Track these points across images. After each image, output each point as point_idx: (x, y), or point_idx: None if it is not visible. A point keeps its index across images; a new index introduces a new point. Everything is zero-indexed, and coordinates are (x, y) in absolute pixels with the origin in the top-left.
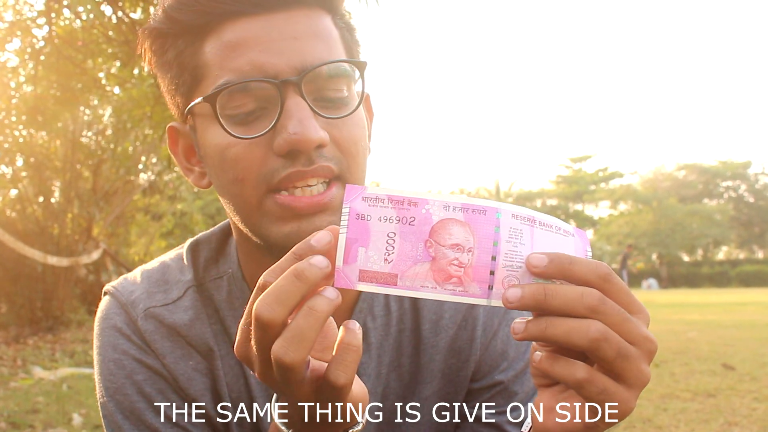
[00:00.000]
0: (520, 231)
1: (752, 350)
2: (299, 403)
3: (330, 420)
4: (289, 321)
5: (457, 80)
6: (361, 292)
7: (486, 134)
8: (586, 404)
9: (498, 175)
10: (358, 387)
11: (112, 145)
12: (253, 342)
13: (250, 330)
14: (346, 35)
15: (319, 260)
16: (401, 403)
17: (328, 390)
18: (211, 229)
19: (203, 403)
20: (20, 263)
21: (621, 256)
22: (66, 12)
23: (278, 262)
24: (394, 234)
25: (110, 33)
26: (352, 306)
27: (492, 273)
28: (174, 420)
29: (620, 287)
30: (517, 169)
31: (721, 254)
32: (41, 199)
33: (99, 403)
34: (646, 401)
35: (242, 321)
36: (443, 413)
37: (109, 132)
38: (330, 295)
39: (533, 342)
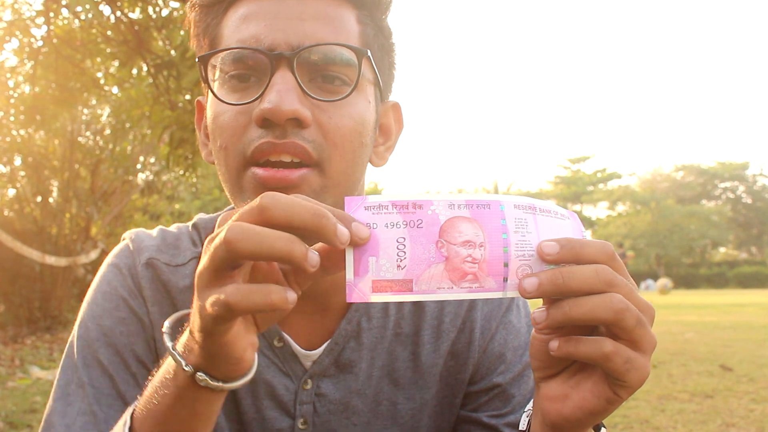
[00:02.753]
0: (525, 220)
1: (750, 351)
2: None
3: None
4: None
5: (456, 81)
6: None
7: (485, 135)
8: (605, 379)
9: (496, 176)
10: (249, 353)
11: (110, 145)
12: (209, 254)
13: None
14: (369, 33)
15: (313, 259)
16: (398, 407)
17: (219, 303)
18: (216, 213)
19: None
20: (18, 263)
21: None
22: (64, 12)
23: (298, 201)
24: (404, 239)
25: (109, 33)
26: (348, 304)
27: (506, 265)
28: (129, 367)
29: (621, 263)
30: (515, 170)
31: (719, 255)
32: (39, 198)
33: (75, 326)
34: (644, 402)
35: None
36: (440, 416)
37: (107, 132)
38: (291, 298)
39: (537, 336)
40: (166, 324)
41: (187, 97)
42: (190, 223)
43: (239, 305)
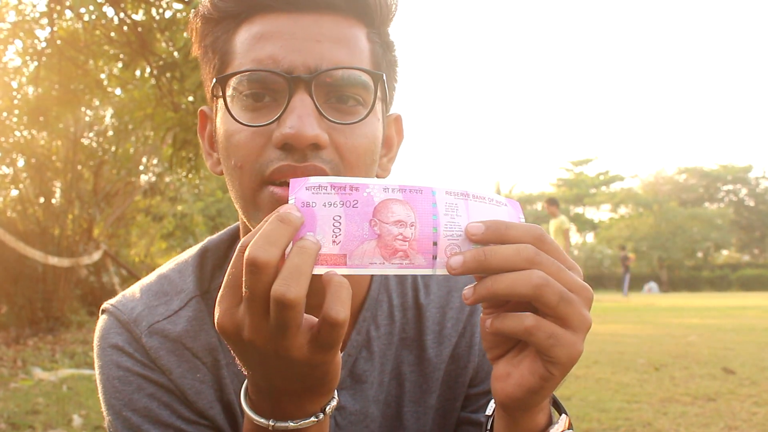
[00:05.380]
0: (456, 205)
1: (752, 354)
2: (283, 371)
3: (314, 382)
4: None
5: (458, 83)
6: (364, 300)
7: (487, 137)
8: (539, 357)
9: (499, 178)
10: (339, 358)
11: (113, 147)
12: (246, 293)
13: (235, 292)
14: (378, 51)
15: (294, 208)
16: (404, 410)
17: (326, 329)
18: (221, 233)
19: (213, 415)
20: (21, 264)
21: (621, 259)
22: (68, 13)
23: (271, 230)
24: (340, 217)
25: (112, 34)
26: (356, 315)
27: (435, 243)
28: None
29: (554, 245)
30: (517, 172)
31: (722, 258)
32: (42, 199)
33: (106, 422)
34: (646, 405)
35: (222, 291)
36: (442, 419)
37: (110, 133)
38: (312, 238)
39: (483, 317)
40: (245, 404)
41: (191, 98)
42: (196, 251)
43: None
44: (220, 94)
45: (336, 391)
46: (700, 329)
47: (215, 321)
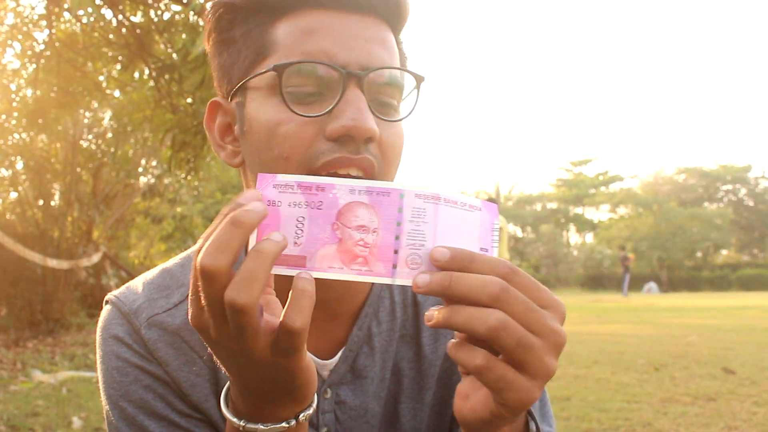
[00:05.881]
0: (424, 210)
1: (752, 354)
2: (251, 372)
3: (284, 385)
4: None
5: (458, 83)
6: (368, 297)
7: (486, 137)
8: (491, 393)
9: (498, 178)
10: (310, 365)
11: (112, 149)
12: (204, 299)
13: (197, 297)
14: (403, 56)
15: (255, 205)
16: (401, 407)
17: (284, 336)
18: None
19: (207, 408)
20: (20, 266)
21: (621, 259)
22: (67, 15)
23: (221, 237)
24: (303, 218)
25: (111, 36)
26: (357, 311)
27: (396, 252)
28: (179, 425)
29: (526, 280)
30: (517, 172)
31: (722, 258)
32: (41, 202)
33: (104, 412)
34: (647, 405)
35: (190, 291)
36: (438, 416)
37: (109, 135)
38: (276, 238)
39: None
40: (222, 402)
41: (189, 100)
42: (191, 252)
43: (302, 321)
44: (259, 84)
45: (316, 396)
46: (700, 329)
47: (189, 320)
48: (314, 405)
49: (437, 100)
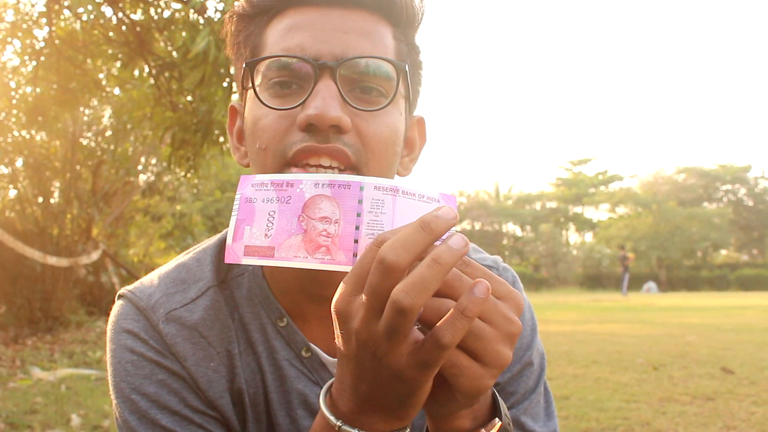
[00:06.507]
0: (382, 201)
1: (751, 354)
2: (374, 375)
3: (398, 399)
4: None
5: (457, 83)
6: None
7: (486, 136)
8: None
9: (497, 178)
10: (428, 387)
11: (111, 146)
12: (368, 288)
13: (358, 282)
14: (403, 49)
15: (446, 211)
16: None
17: (430, 348)
18: None
19: (221, 404)
20: (19, 264)
21: (620, 259)
22: (66, 12)
23: (408, 234)
24: (274, 212)
25: (111, 34)
26: None
27: (356, 241)
28: (192, 421)
29: (480, 268)
30: (516, 172)
31: (721, 258)
32: (41, 199)
33: (114, 405)
34: (645, 404)
35: (348, 276)
36: None
37: (108, 133)
38: (455, 245)
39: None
40: (322, 397)
41: (189, 98)
42: (214, 240)
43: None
44: (249, 85)
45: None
46: (699, 329)
47: (334, 300)
48: (409, 428)
49: (437, 99)
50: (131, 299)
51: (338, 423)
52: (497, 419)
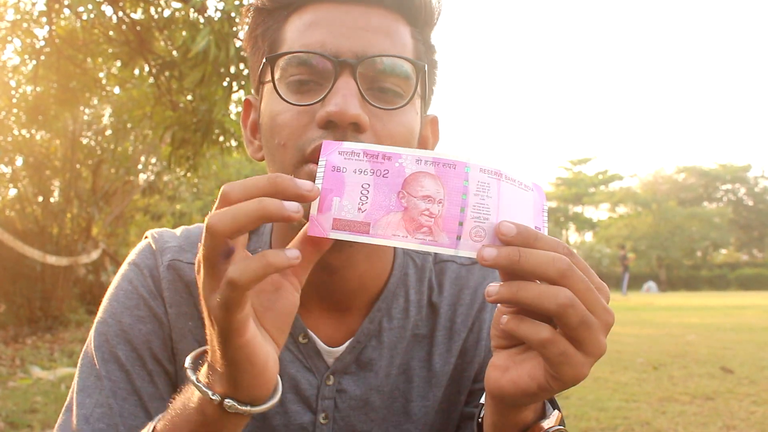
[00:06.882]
0: (488, 185)
1: (751, 354)
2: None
3: (232, 360)
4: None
5: (457, 83)
6: (381, 291)
7: (486, 136)
8: (544, 366)
9: None
10: (272, 365)
11: (111, 145)
12: (200, 255)
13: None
14: (421, 48)
15: (292, 206)
16: (412, 405)
17: (224, 289)
18: None
19: (180, 361)
20: (19, 263)
21: (620, 259)
22: (67, 12)
23: (254, 179)
24: (369, 185)
25: (111, 33)
26: (370, 305)
27: (461, 224)
28: (145, 365)
29: (583, 262)
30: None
31: (721, 257)
32: (41, 198)
33: (95, 321)
34: (645, 404)
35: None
36: (447, 413)
37: (108, 132)
38: (291, 255)
39: (499, 306)
40: (188, 360)
41: (189, 97)
42: None
43: (242, 278)
44: (268, 79)
45: (270, 400)
46: (699, 328)
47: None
48: (270, 403)
49: (436, 99)
50: (151, 239)
51: (194, 378)
52: (556, 411)
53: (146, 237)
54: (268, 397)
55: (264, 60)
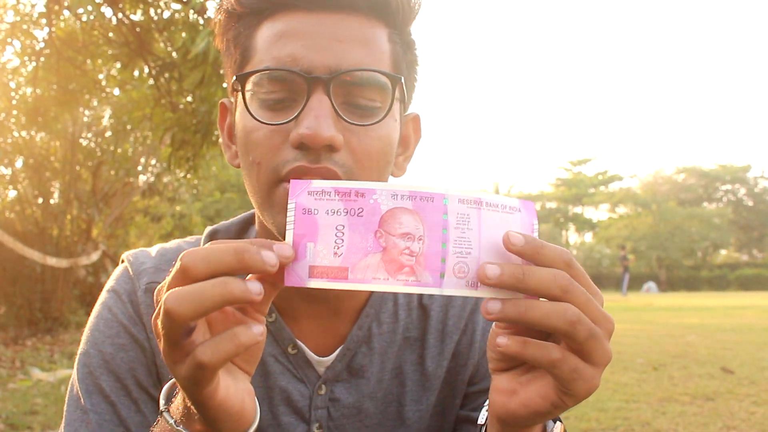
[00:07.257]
0: (468, 216)
1: (751, 354)
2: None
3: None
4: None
5: (457, 83)
6: (370, 296)
7: (486, 137)
8: (554, 385)
9: (497, 178)
10: (249, 401)
11: (111, 147)
12: (159, 328)
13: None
14: (399, 51)
15: (254, 286)
16: (406, 409)
17: (193, 367)
18: (233, 218)
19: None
20: (19, 264)
21: (620, 259)
22: (66, 13)
23: (218, 250)
24: (343, 226)
25: (110, 34)
26: (359, 310)
27: (443, 260)
28: (130, 394)
29: (581, 271)
30: (516, 172)
31: (721, 258)
32: (40, 200)
33: (78, 353)
34: (645, 405)
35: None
36: (442, 416)
37: (108, 134)
38: (257, 331)
39: (495, 328)
40: (162, 396)
41: (189, 98)
42: (207, 231)
43: (212, 360)
44: (240, 90)
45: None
46: (699, 329)
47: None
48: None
49: (437, 99)
50: (127, 263)
51: (171, 421)
52: (559, 422)
53: (123, 261)
54: (248, 427)
55: (234, 78)
